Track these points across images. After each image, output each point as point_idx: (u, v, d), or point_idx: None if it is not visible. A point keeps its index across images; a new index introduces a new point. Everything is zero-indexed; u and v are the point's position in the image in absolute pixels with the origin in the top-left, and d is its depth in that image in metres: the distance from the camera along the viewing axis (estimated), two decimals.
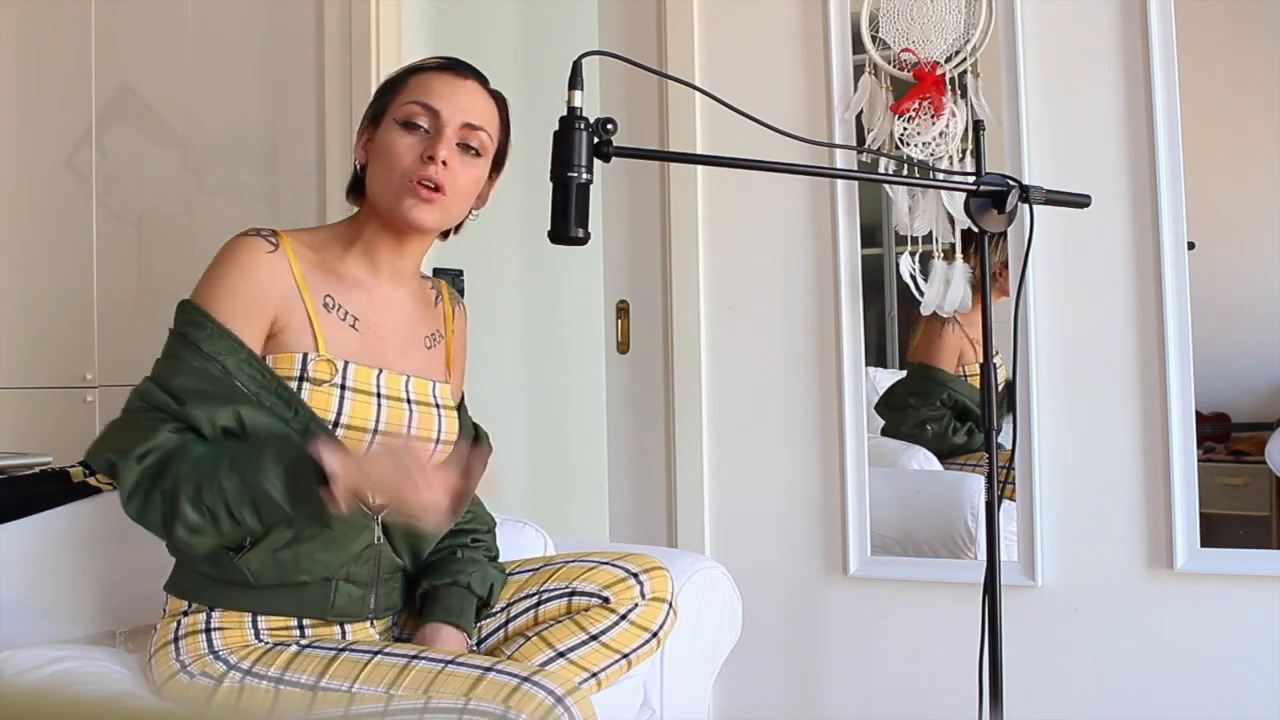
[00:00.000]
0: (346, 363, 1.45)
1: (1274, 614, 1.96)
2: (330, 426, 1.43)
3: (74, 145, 2.72)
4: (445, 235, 1.61)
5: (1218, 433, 2.32)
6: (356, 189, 1.57)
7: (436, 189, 1.46)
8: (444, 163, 1.46)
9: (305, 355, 1.43)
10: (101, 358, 2.61)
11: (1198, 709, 2.00)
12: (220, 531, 1.35)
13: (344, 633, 1.50)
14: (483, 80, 1.56)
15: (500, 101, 1.58)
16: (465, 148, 1.50)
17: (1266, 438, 2.28)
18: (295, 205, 2.43)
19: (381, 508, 1.46)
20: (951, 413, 2.45)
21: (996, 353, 2.05)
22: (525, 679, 1.30)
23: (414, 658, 1.37)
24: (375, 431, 1.47)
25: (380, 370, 1.49)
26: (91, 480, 1.84)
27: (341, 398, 1.44)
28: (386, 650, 1.39)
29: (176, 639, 1.44)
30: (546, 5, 2.91)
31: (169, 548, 1.48)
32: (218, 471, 1.32)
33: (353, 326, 1.49)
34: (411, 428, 1.51)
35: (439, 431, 1.55)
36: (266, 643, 1.44)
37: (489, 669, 1.33)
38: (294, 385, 1.42)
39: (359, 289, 1.52)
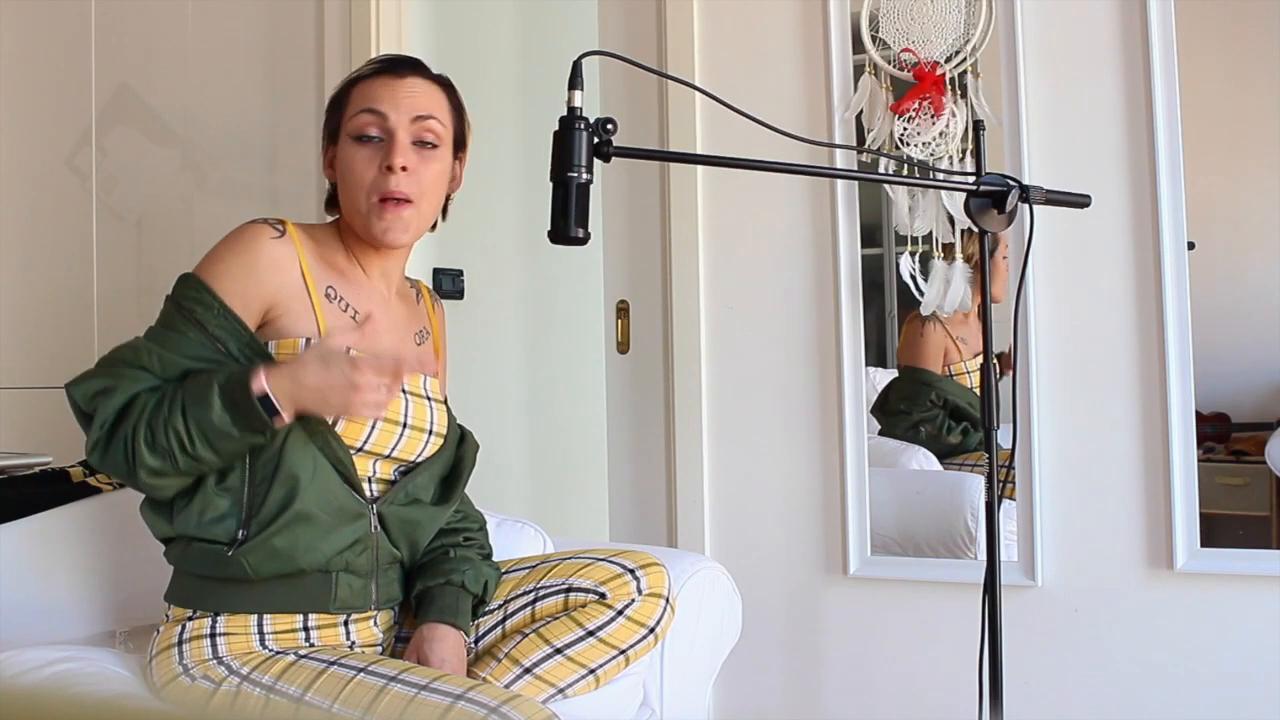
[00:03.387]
0: (349, 349, 1.47)
1: (1274, 614, 1.96)
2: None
3: (74, 145, 2.72)
4: (433, 226, 1.63)
5: (1218, 433, 2.32)
6: (333, 202, 1.61)
7: (405, 200, 1.49)
8: (404, 169, 1.49)
9: (309, 340, 1.45)
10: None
11: (1198, 709, 2.00)
12: (180, 470, 1.37)
13: (348, 631, 1.50)
14: (422, 71, 1.58)
15: (445, 85, 1.60)
16: (421, 144, 1.52)
17: (1266, 438, 2.27)
18: (295, 205, 2.42)
19: (334, 419, 1.44)
20: (944, 412, 2.45)
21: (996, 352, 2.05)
22: (494, 709, 1.29)
23: (393, 679, 1.36)
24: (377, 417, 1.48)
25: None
26: (91, 480, 1.84)
27: None
28: (371, 668, 1.39)
29: (180, 642, 1.44)
30: (546, 5, 2.91)
31: (165, 555, 1.49)
32: (166, 412, 1.35)
33: (353, 319, 1.51)
34: (409, 418, 1.52)
35: (431, 423, 1.57)
36: (270, 649, 1.44)
37: (461, 696, 1.32)
38: None
39: (358, 286, 1.55)
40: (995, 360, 1.67)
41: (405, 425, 1.52)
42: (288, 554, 1.43)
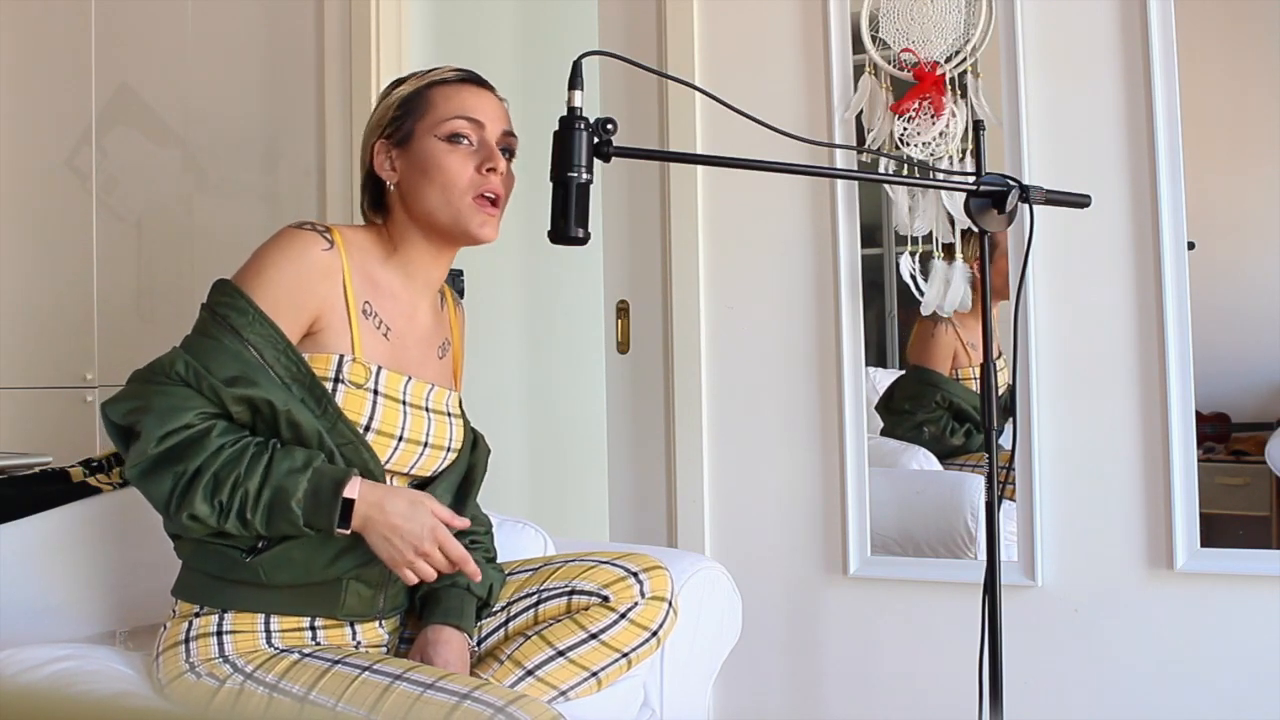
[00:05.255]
0: (379, 368, 1.47)
1: (1274, 614, 1.96)
2: (361, 430, 1.44)
3: (74, 145, 2.72)
4: None
5: (1218, 433, 2.32)
6: (379, 204, 1.58)
7: (495, 202, 1.52)
8: (500, 173, 1.52)
9: (341, 357, 1.44)
10: (101, 358, 2.61)
11: (1198, 709, 2.00)
12: (219, 527, 1.37)
13: (354, 632, 1.50)
14: (494, 89, 1.61)
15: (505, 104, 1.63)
16: (503, 152, 1.55)
17: (1266, 438, 2.28)
18: (295, 205, 2.42)
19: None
20: (948, 414, 2.45)
21: (999, 354, 2.05)
22: (500, 709, 1.29)
23: (398, 678, 1.36)
24: (401, 438, 1.49)
25: (409, 378, 1.51)
26: (91, 480, 1.84)
27: (374, 402, 1.46)
28: (375, 666, 1.39)
29: (187, 639, 1.44)
30: (546, 5, 2.91)
31: (176, 550, 1.49)
32: (243, 471, 1.35)
33: (385, 335, 1.51)
34: (430, 436, 1.53)
35: (450, 440, 1.58)
36: (276, 648, 1.44)
37: (467, 695, 1.32)
38: (329, 385, 1.43)
39: (392, 299, 1.54)
40: (996, 363, 1.67)
41: (426, 444, 1.53)
42: (304, 565, 1.43)
